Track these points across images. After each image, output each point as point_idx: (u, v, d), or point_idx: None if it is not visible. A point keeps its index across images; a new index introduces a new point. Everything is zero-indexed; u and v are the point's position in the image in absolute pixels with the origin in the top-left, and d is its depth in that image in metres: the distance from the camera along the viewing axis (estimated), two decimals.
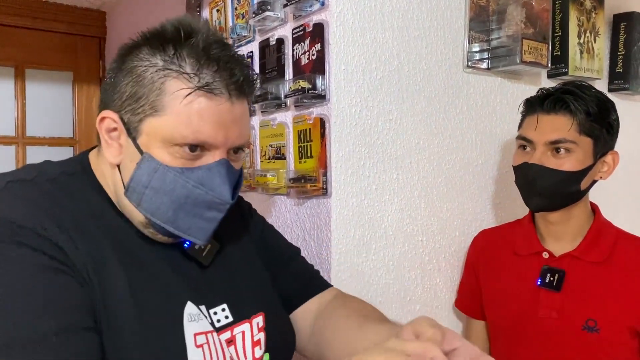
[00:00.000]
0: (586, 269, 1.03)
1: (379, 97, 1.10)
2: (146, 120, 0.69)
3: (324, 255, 1.07)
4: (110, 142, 0.72)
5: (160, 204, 0.70)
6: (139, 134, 0.70)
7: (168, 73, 0.68)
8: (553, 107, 1.03)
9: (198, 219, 0.72)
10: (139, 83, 0.69)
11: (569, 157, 1.01)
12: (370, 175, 1.10)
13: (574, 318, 1.01)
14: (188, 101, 0.67)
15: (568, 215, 1.07)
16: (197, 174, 0.70)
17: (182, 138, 0.68)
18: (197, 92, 0.67)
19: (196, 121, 0.67)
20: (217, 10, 1.39)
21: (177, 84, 0.67)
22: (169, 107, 0.67)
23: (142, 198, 0.70)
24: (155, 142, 0.69)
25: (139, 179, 0.70)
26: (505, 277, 1.13)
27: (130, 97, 0.69)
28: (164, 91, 0.68)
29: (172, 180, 0.69)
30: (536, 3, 1.24)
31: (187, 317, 0.70)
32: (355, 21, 1.05)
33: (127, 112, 0.70)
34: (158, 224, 0.71)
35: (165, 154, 0.69)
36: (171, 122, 0.68)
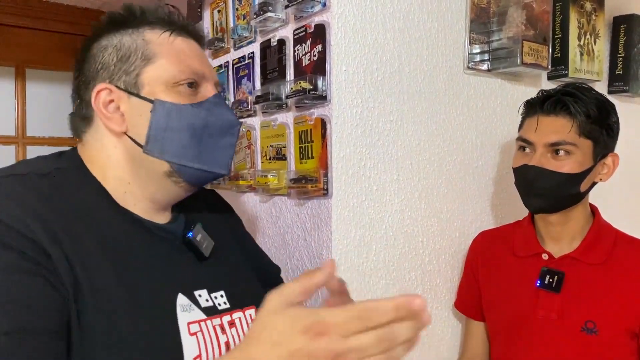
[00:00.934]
0: (585, 271, 1.04)
1: (379, 98, 1.10)
2: (143, 72, 0.75)
3: (325, 256, 1.07)
4: (109, 115, 0.75)
5: (182, 142, 0.75)
6: (140, 88, 0.75)
7: (143, 29, 0.77)
8: (553, 108, 1.03)
9: (217, 148, 0.79)
10: (121, 49, 0.76)
11: (569, 159, 1.01)
12: (370, 176, 1.10)
13: (573, 319, 1.01)
14: (171, 41, 0.77)
15: (567, 217, 1.07)
16: (205, 105, 0.77)
17: (180, 73, 0.75)
18: (174, 33, 0.77)
19: (184, 58, 0.77)
20: (218, 11, 1.39)
21: (156, 33, 0.77)
22: (159, 52, 0.75)
23: (164, 143, 0.74)
24: (159, 87, 0.75)
25: (157, 125, 0.74)
26: (505, 279, 1.13)
27: (118, 62, 0.75)
28: (148, 42, 0.76)
29: (187, 115, 0.75)
30: (537, 5, 1.24)
31: (179, 308, 0.71)
32: (356, 22, 1.05)
33: (119, 76, 0.75)
34: (184, 165, 0.76)
35: (171, 95, 0.75)
36: (166, 64, 0.75)
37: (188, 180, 0.78)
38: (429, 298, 1.22)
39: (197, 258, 0.80)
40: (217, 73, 1.41)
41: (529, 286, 1.07)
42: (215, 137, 0.78)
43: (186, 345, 0.69)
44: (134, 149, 0.75)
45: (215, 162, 0.79)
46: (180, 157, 0.75)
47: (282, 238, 1.20)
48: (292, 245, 1.17)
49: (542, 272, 1.06)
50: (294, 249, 1.16)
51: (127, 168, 0.76)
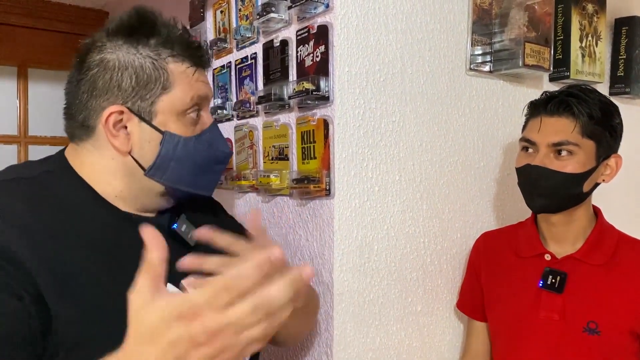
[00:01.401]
0: (588, 272, 1.04)
1: (382, 99, 1.10)
2: (158, 100, 0.78)
3: (327, 256, 1.07)
4: (115, 133, 0.78)
5: (184, 170, 0.81)
6: (153, 116, 0.78)
7: (165, 57, 0.79)
8: (557, 109, 1.03)
9: (210, 174, 0.87)
10: (142, 74, 0.77)
11: (571, 159, 1.02)
12: (372, 176, 1.10)
13: (575, 320, 1.01)
14: (185, 70, 0.80)
15: (570, 218, 1.07)
16: (206, 137, 0.84)
17: (189, 102, 0.80)
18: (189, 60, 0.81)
19: (194, 84, 0.81)
20: (220, 12, 1.40)
21: (178, 64, 0.80)
22: (177, 83, 0.79)
23: (167, 170, 0.80)
24: (171, 118, 0.79)
25: (165, 155, 0.79)
26: (507, 279, 1.13)
27: (136, 86, 0.77)
28: (170, 73, 0.79)
29: (193, 148, 0.81)
30: (539, 7, 1.25)
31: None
32: (359, 23, 1.06)
33: (134, 101, 0.77)
34: (179, 188, 0.82)
35: (180, 126, 0.80)
36: (180, 93, 0.79)
37: (177, 197, 0.85)
38: (430, 298, 1.22)
39: (182, 248, 0.83)
40: (220, 73, 1.42)
41: (532, 287, 1.07)
42: (212, 165, 0.86)
43: None
44: (135, 169, 0.80)
45: (205, 186, 0.87)
46: (178, 183, 0.82)
47: (284, 238, 1.20)
48: (293, 245, 1.17)
49: (545, 272, 1.06)
50: (296, 249, 1.16)
51: (122, 181, 0.80)
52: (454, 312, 1.28)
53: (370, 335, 1.12)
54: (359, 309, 1.10)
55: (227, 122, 1.40)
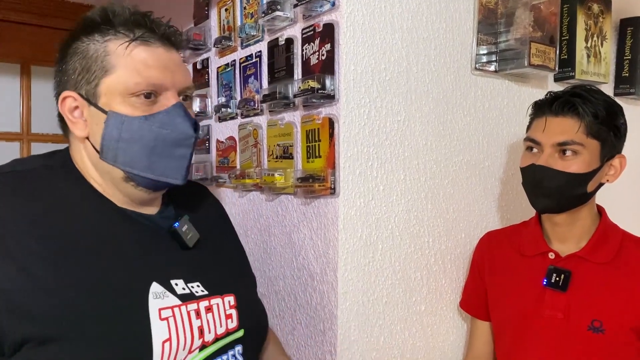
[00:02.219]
0: (592, 270, 1.04)
1: (387, 98, 1.10)
2: (101, 82, 0.77)
3: (331, 255, 1.07)
4: (74, 120, 0.80)
5: (134, 153, 0.78)
6: (98, 98, 0.78)
7: (107, 39, 0.78)
8: (561, 109, 1.03)
9: (170, 159, 0.81)
10: (85, 57, 0.78)
11: (576, 159, 1.02)
12: (377, 175, 1.10)
13: (580, 318, 1.01)
14: (129, 52, 0.77)
15: (574, 218, 1.07)
16: (159, 117, 0.79)
17: (136, 85, 0.76)
18: (134, 43, 0.78)
19: (143, 68, 0.77)
20: (225, 10, 1.40)
21: (116, 43, 0.78)
22: (117, 64, 0.77)
23: (117, 152, 0.78)
24: (115, 99, 0.77)
25: (109, 135, 0.77)
26: (511, 278, 1.13)
27: (81, 71, 0.78)
28: (108, 53, 0.77)
29: (139, 128, 0.77)
30: (544, 7, 1.24)
31: (152, 295, 0.75)
32: (365, 22, 1.06)
33: (82, 85, 0.78)
34: (136, 173, 0.79)
35: (126, 106, 0.77)
36: (123, 75, 0.77)
37: (144, 186, 0.81)
38: (434, 298, 1.22)
39: (180, 248, 0.85)
40: (224, 72, 1.41)
41: (535, 285, 1.07)
42: (168, 148, 0.80)
43: (155, 330, 0.73)
44: (94, 154, 0.80)
45: (169, 173, 0.81)
46: (132, 167, 0.79)
47: (288, 237, 1.20)
48: (298, 244, 1.17)
49: (549, 270, 1.06)
50: (300, 248, 1.16)
51: (95, 170, 0.81)
52: (457, 312, 1.27)
53: (374, 335, 1.12)
54: (363, 308, 1.10)
55: (231, 121, 1.40)
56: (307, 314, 1.15)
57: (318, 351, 1.12)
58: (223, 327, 0.82)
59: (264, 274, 1.29)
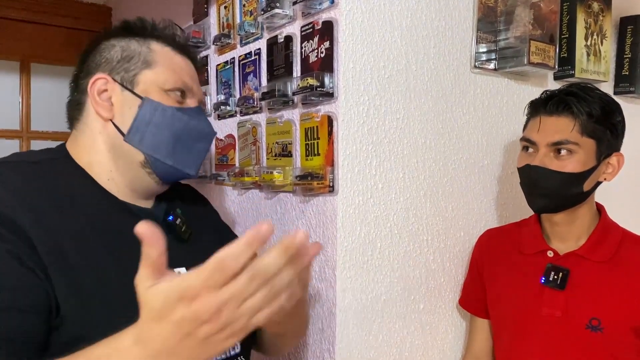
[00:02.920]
0: (591, 268, 1.04)
1: (386, 96, 1.10)
2: (141, 73, 0.85)
3: (330, 253, 1.07)
4: (100, 102, 0.84)
5: (161, 138, 0.84)
6: (135, 85, 0.84)
7: (150, 40, 0.88)
8: (556, 108, 1.03)
9: (191, 150, 0.88)
10: (127, 49, 0.86)
11: (571, 158, 1.01)
12: (376, 173, 1.10)
13: (578, 317, 1.01)
14: (171, 56, 0.88)
15: (573, 216, 1.07)
16: (187, 112, 0.87)
17: (173, 83, 0.86)
18: (176, 49, 0.90)
19: (179, 71, 0.88)
20: (225, 7, 1.39)
21: (161, 45, 0.88)
22: (158, 61, 0.86)
23: (145, 136, 0.83)
24: (152, 89, 0.84)
25: (142, 118, 0.83)
26: (510, 275, 1.13)
27: (121, 60, 0.85)
28: (151, 50, 0.87)
29: (171, 115, 0.85)
30: (544, 5, 1.24)
31: None
32: (364, 20, 1.05)
33: (118, 72, 0.85)
34: (158, 159, 0.84)
35: (162, 97, 0.85)
36: (162, 72, 0.86)
37: (159, 173, 0.86)
38: (433, 296, 1.22)
39: (175, 240, 0.87)
40: (223, 69, 1.41)
41: (534, 283, 1.07)
42: (191, 141, 0.88)
43: None
44: (116, 136, 0.84)
45: (186, 163, 0.88)
46: (156, 151, 0.84)
47: (286, 235, 1.20)
48: None
49: (547, 268, 1.06)
50: None
51: (109, 155, 0.85)
52: (456, 310, 1.27)
53: (373, 333, 1.12)
54: (362, 307, 1.10)
55: (230, 118, 1.40)
56: None
57: (317, 349, 1.12)
58: None
59: None
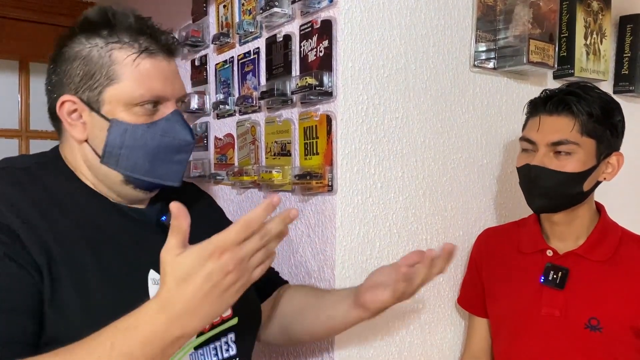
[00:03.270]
0: (590, 268, 1.03)
1: (385, 95, 1.10)
2: (105, 91, 0.79)
3: (329, 252, 1.07)
4: (72, 123, 0.81)
5: (136, 158, 0.81)
6: (101, 105, 0.80)
7: (111, 47, 0.79)
8: (555, 108, 1.02)
9: (170, 163, 0.85)
10: (89, 63, 0.79)
11: (571, 158, 1.01)
12: (375, 173, 1.10)
13: (577, 316, 1.01)
14: (136, 64, 0.79)
15: (572, 216, 1.07)
16: (160, 125, 0.82)
17: (140, 97, 0.79)
18: (141, 55, 0.80)
19: (147, 80, 0.80)
20: (223, 6, 1.39)
21: (123, 53, 0.79)
22: (122, 74, 0.79)
23: (120, 158, 0.81)
24: (118, 107, 0.79)
25: (113, 143, 0.80)
26: (509, 275, 1.13)
27: (84, 77, 0.79)
28: (114, 62, 0.79)
29: (142, 135, 0.80)
30: (543, 4, 1.24)
31: (151, 281, 0.78)
32: (363, 18, 1.05)
33: (84, 91, 0.80)
34: (137, 177, 0.82)
35: (129, 115, 0.80)
36: (128, 86, 0.79)
37: (142, 188, 0.85)
38: (432, 296, 1.22)
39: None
40: (222, 68, 1.41)
41: (533, 283, 1.07)
42: (169, 154, 0.84)
43: None
44: (93, 157, 0.82)
45: (166, 176, 0.85)
46: (133, 171, 0.82)
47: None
48: (295, 241, 1.17)
49: (546, 268, 1.06)
50: (298, 245, 1.16)
51: (89, 172, 0.83)
52: (455, 309, 1.27)
53: (372, 332, 1.12)
54: None
55: (229, 118, 1.40)
56: None
57: (316, 348, 1.12)
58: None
59: None
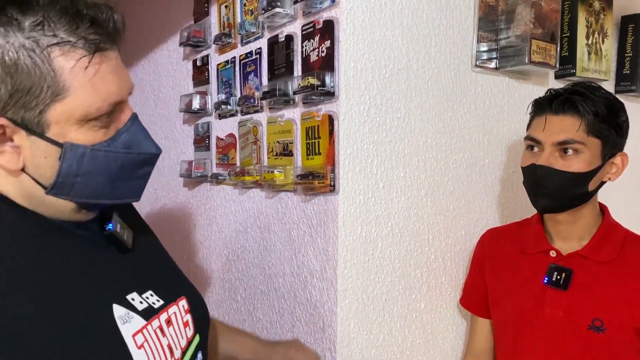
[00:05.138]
0: (594, 269, 1.03)
1: (387, 95, 1.10)
2: (50, 109, 0.60)
3: (331, 252, 1.07)
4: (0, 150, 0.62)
5: (95, 185, 0.67)
6: (46, 127, 0.61)
7: (48, 50, 0.59)
8: (562, 107, 1.02)
9: (133, 180, 0.71)
10: (17, 74, 0.58)
11: (577, 158, 1.01)
12: (377, 172, 1.10)
13: (580, 317, 1.01)
14: (89, 67, 0.62)
15: (576, 216, 1.07)
16: (122, 139, 0.67)
17: (98, 110, 0.63)
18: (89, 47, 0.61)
19: (101, 86, 0.63)
20: (225, 7, 1.39)
21: (68, 58, 0.60)
22: (72, 85, 0.61)
23: (74, 187, 0.65)
24: (71, 127, 0.62)
25: (67, 171, 0.64)
26: (512, 275, 1.13)
27: (14, 94, 0.59)
28: (57, 71, 0.60)
29: (104, 158, 0.65)
30: (545, 3, 1.24)
31: (119, 321, 0.67)
32: (365, 19, 1.05)
33: (15, 111, 0.60)
34: (94, 203, 0.69)
35: (84, 133, 0.63)
36: (80, 98, 0.61)
37: (97, 210, 0.73)
38: (434, 296, 1.22)
39: (119, 251, 0.76)
40: (224, 69, 1.41)
41: (536, 283, 1.07)
42: (132, 171, 0.70)
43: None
44: (34, 187, 0.65)
45: (127, 194, 0.72)
46: (90, 197, 0.68)
47: (287, 234, 1.20)
48: (297, 241, 1.17)
49: (550, 269, 1.06)
50: (300, 245, 1.16)
51: (24, 200, 0.67)
52: (457, 310, 1.27)
53: (374, 332, 1.12)
54: (363, 306, 1.10)
55: (231, 118, 1.40)
56: (307, 311, 1.15)
57: (317, 348, 1.12)
58: (184, 339, 0.77)
59: (263, 271, 1.29)
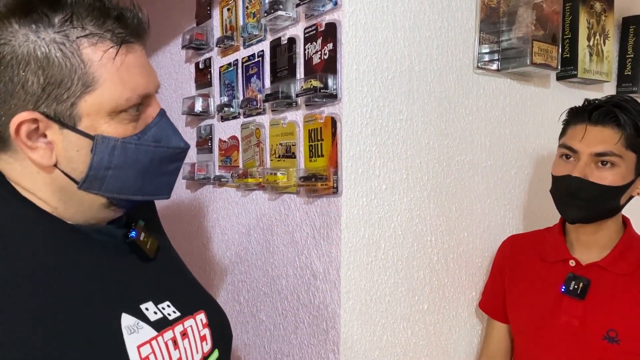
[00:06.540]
0: (612, 280, 1.03)
1: (389, 97, 1.10)
2: (81, 101, 0.62)
3: (334, 254, 1.07)
4: (32, 145, 0.63)
5: (126, 178, 0.68)
6: (77, 120, 0.63)
7: (78, 42, 0.61)
8: (602, 119, 1.01)
9: (163, 176, 0.72)
10: (49, 67, 0.60)
11: (613, 170, 1.00)
12: (380, 174, 1.10)
13: (595, 327, 1.01)
14: (116, 62, 0.63)
15: (599, 227, 1.06)
16: (151, 133, 0.68)
17: (127, 102, 0.64)
18: (116, 39, 0.63)
19: (128, 77, 0.64)
20: (227, 9, 1.40)
21: (97, 49, 0.62)
22: (100, 76, 0.62)
23: (105, 181, 0.66)
24: (101, 120, 0.64)
25: (99, 164, 0.65)
26: (530, 282, 1.13)
27: (47, 87, 0.60)
28: (87, 63, 0.61)
29: (134, 151, 0.67)
30: (546, 5, 1.24)
31: (125, 331, 0.65)
32: (367, 21, 1.06)
33: (48, 104, 0.61)
34: (125, 198, 0.69)
35: (114, 126, 0.65)
36: (110, 90, 0.63)
37: (127, 207, 0.73)
38: (437, 297, 1.22)
39: (140, 260, 0.75)
40: (227, 71, 1.42)
41: (554, 291, 1.07)
42: (162, 165, 0.71)
43: None
44: (66, 182, 0.66)
45: (158, 191, 0.73)
46: (122, 192, 0.68)
47: (290, 236, 1.21)
48: (300, 243, 1.17)
49: (568, 278, 1.06)
50: (303, 247, 1.16)
51: (55, 197, 0.67)
52: (460, 310, 1.28)
53: (377, 334, 1.12)
54: (366, 307, 1.10)
55: (233, 120, 1.40)
56: (310, 312, 1.15)
57: (321, 350, 1.12)
58: (200, 354, 0.74)
59: (266, 273, 1.29)
